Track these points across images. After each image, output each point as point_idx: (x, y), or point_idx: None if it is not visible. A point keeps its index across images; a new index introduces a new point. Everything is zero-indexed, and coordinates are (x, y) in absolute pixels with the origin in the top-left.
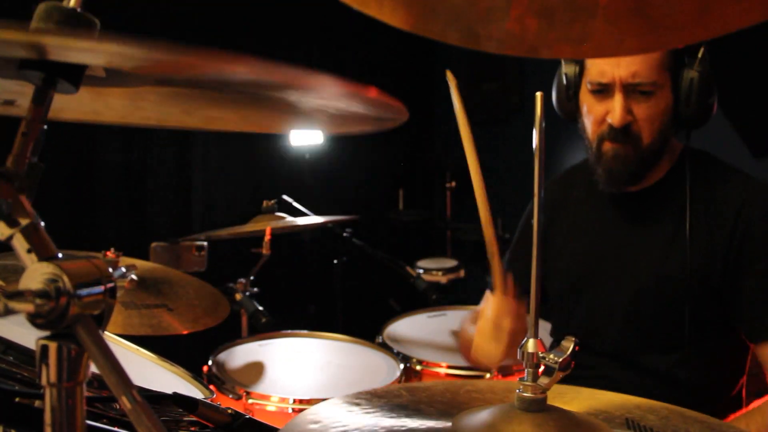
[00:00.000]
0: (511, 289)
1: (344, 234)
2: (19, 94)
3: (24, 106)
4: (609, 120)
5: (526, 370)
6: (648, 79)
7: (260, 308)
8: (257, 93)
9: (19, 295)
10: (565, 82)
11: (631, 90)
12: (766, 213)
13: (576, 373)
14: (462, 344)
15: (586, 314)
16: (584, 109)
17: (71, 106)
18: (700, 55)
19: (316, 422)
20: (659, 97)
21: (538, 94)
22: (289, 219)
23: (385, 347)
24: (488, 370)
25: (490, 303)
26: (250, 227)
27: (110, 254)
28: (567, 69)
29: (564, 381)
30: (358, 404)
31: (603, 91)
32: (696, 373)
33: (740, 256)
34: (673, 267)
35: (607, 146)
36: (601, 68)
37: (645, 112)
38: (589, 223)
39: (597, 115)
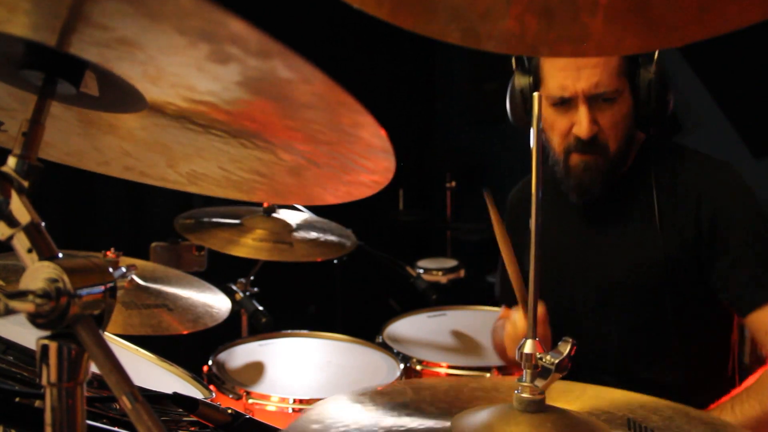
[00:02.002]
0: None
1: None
2: (9, 113)
3: (12, 132)
4: (575, 132)
5: (524, 371)
6: (610, 87)
7: (260, 308)
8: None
9: (20, 295)
10: (519, 94)
11: (594, 100)
12: (726, 190)
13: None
14: (497, 345)
15: (560, 313)
16: (546, 122)
17: (58, 141)
18: (656, 56)
19: (318, 422)
20: (621, 102)
21: (536, 94)
22: (287, 221)
23: (385, 347)
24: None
25: (519, 318)
26: (240, 251)
27: (110, 254)
28: (520, 81)
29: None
30: (360, 402)
31: (565, 103)
32: (678, 374)
33: (712, 237)
34: (646, 257)
35: (576, 159)
36: (560, 83)
37: (610, 119)
38: (555, 224)
39: (561, 128)
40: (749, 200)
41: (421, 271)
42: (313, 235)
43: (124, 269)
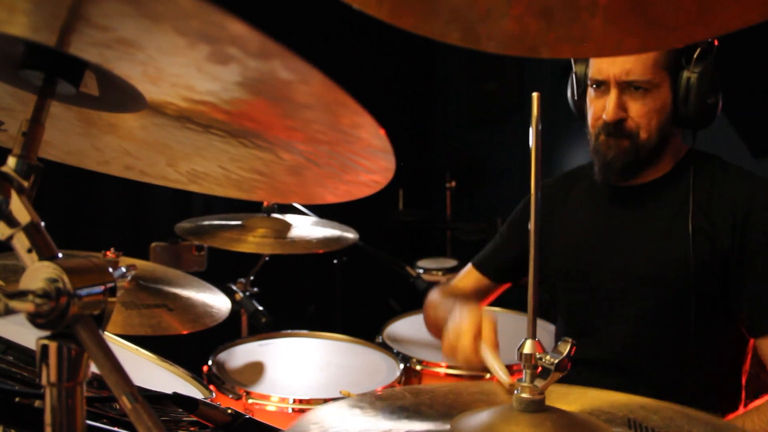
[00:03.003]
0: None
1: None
2: (8, 113)
3: (12, 132)
4: (603, 116)
5: (523, 371)
6: (642, 77)
7: (260, 308)
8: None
9: (20, 295)
10: (575, 80)
11: (625, 87)
12: (765, 207)
13: (576, 370)
14: (429, 317)
15: (586, 306)
16: (588, 104)
17: (58, 141)
18: (696, 55)
19: (316, 422)
20: (655, 95)
21: (535, 94)
22: (288, 220)
23: (385, 347)
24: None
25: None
26: (244, 246)
27: (110, 254)
28: (577, 68)
29: (565, 378)
30: (360, 406)
31: (600, 87)
32: (698, 371)
33: (742, 250)
34: (673, 256)
35: (603, 139)
36: (598, 66)
37: (640, 109)
38: (587, 218)
39: (596, 110)
40: None
41: (421, 271)
42: (313, 229)
43: (124, 269)
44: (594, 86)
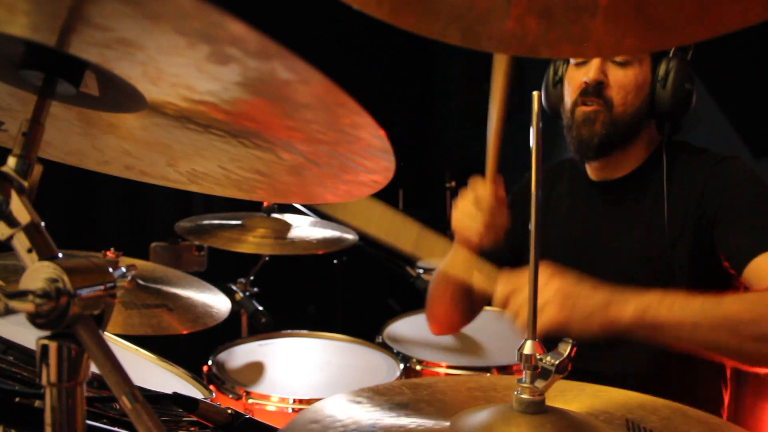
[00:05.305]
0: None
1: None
2: (8, 113)
3: (12, 132)
4: (584, 79)
5: (524, 372)
6: None
7: (260, 308)
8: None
9: (20, 295)
10: (552, 69)
11: (608, 58)
12: (729, 175)
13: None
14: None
15: None
16: (566, 84)
17: (58, 141)
18: (689, 54)
19: (316, 421)
20: (636, 69)
21: (535, 93)
22: (287, 221)
23: (385, 347)
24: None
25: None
26: (244, 246)
27: (110, 254)
28: (556, 62)
29: None
30: (358, 402)
31: (585, 64)
32: (675, 374)
33: (715, 212)
34: (654, 247)
35: (579, 112)
36: None
37: (620, 79)
38: (570, 213)
39: (575, 82)
40: (752, 175)
41: (421, 271)
42: (313, 230)
43: (124, 269)
44: (576, 63)
